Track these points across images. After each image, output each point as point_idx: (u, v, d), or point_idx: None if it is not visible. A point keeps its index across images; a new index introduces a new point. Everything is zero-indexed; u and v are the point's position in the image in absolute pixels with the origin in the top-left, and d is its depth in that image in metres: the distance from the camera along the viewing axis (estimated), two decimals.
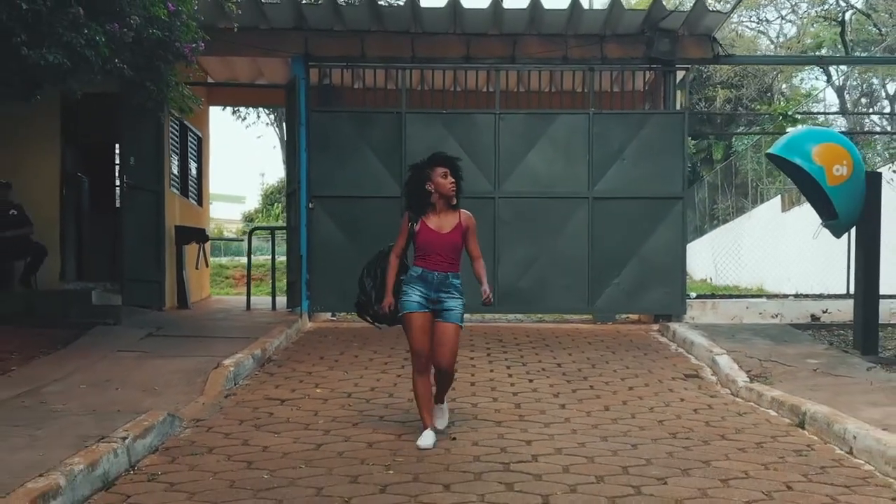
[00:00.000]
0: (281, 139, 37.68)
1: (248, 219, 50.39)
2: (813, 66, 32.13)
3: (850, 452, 6.03)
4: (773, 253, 20.48)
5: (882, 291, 12.64)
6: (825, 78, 35.60)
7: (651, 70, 12.63)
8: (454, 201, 6.32)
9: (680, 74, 12.92)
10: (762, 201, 27.99)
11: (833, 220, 9.34)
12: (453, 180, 6.27)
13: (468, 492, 4.99)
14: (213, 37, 10.27)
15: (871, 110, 31.55)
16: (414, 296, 6.23)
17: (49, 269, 12.11)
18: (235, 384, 8.36)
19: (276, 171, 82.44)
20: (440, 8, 11.71)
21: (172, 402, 7.24)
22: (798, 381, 8.37)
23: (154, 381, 8.03)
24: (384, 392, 8.02)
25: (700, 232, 35.38)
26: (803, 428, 6.84)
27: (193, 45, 8.65)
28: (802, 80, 39.01)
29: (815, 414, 6.77)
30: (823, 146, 9.07)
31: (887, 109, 34.01)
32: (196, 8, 8.69)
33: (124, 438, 5.68)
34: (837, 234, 9.68)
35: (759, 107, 34.40)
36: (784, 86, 37.99)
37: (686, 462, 5.73)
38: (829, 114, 22.32)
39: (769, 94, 34.66)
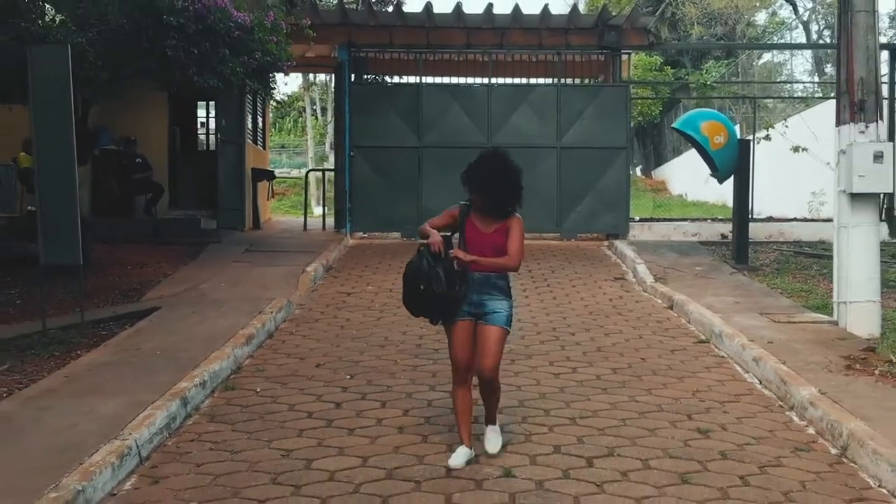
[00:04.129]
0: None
1: None
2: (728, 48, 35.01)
3: (689, 321, 10.02)
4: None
5: (776, 214, 16.64)
6: (793, 12, 38.91)
7: (602, 54, 16.39)
8: (493, 214, 5.52)
9: (624, 57, 16.70)
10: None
11: (716, 173, 13.21)
12: (479, 203, 5.48)
13: None
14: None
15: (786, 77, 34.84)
16: None
17: (161, 201, 16.03)
18: (315, 283, 12.32)
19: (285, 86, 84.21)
20: (448, 13, 15.49)
21: (282, 294, 11.13)
22: (683, 281, 12.30)
23: (264, 281, 11.98)
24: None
25: (677, 152, 38.88)
26: (672, 310, 10.80)
27: (289, 63, 12.46)
28: (774, 12, 42.23)
29: (677, 300, 10.74)
30: (708, 122, 12.92)
31: None
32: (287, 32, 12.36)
33: (271, 312, 9.68)
34: (720, 182, 13.53)
35: (729, 42, 37.93)
36: (759, 16, 41.31)
37: (589, 325, 9.73)
38: (742, 82, 25.91)
39: (734, 30, 38.04)
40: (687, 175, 29.99)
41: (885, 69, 16.72)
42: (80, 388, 6.69)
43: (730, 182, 13.29)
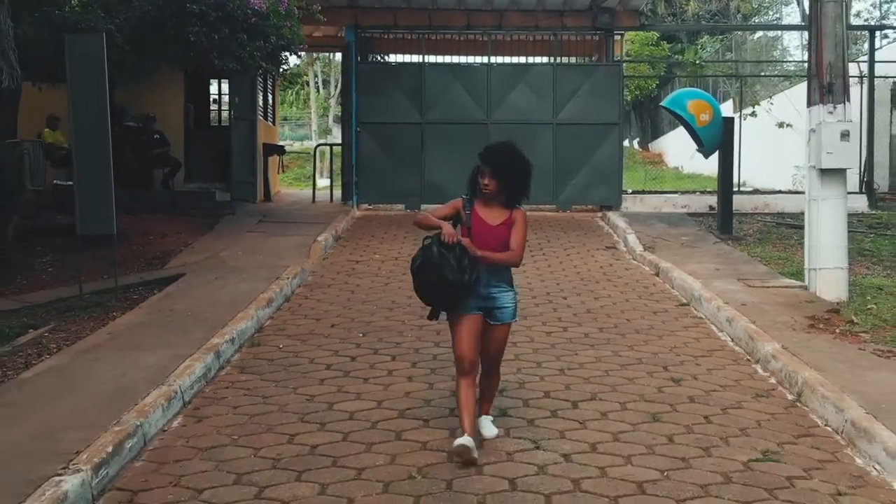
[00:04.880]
0: None
1: None
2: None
3: (672, 287, 10.75)
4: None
5: (766, 187, 17.31)
6: None
7: (596, 35, 17.04)
8: (501, 200, 5.56)
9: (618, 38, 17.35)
10: (724, 101, 32.19)
11: (702, 148, 13.89)
12: (486, 182, 5.43)
13: None
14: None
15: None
16: None
17: (177, 174, 16.72)
18: (326, 252, 13.02)
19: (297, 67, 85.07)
20: None
21: (295, 262, 11.81)
22: (670, 250, 13.00)
23: (278, 250, 12.68)
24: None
25: (674, 126, 39.37)
26: (658, 276, 11.51)
27: (301, 46, 13.15)
28: None
29: (663, 268, 11.45)
30: (695, 101, 13.59)
31: None
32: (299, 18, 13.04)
33: (287, 278, 10.40)
34: (706, 157, 14.24)
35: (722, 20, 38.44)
36: None
37: (581, 290, 10.45)
38: (729, 61, 26.57)
39: (728, 6, 38.47)
40: (683, 148, 30.53)
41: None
42: (123, 344, 7.43)
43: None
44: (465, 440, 5.06)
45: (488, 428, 5.56)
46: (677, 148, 33.09)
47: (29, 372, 6.70)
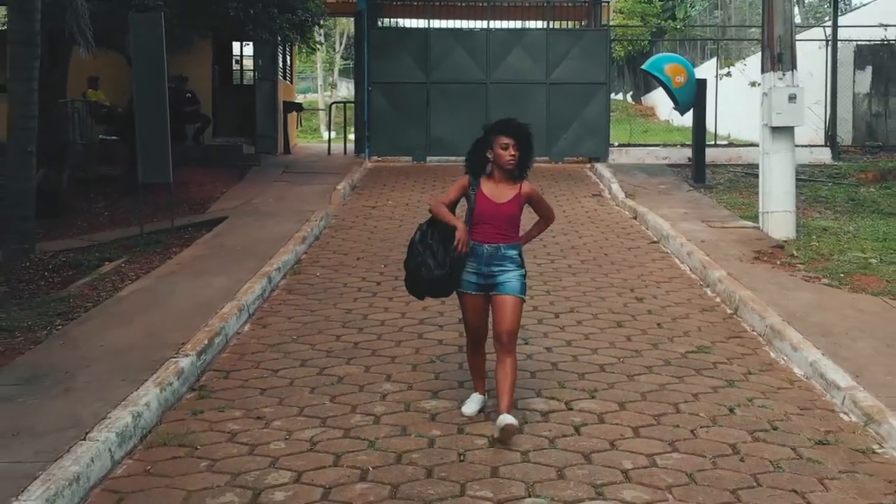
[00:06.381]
0: None
1: None
2: None
3: (647, 228, 12.22)
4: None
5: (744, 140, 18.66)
6: None
7: (585, 2, 18.38)
8: (516, 174, 5.42)
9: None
10: (710, 58, 33.29)
11: (678, 106, 15.30)
12: (514, 153, 5.30)
13: None
14: None
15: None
16: (467, 273, 5.39)
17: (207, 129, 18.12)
18: (345, 199, 14.46)
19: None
20: None
21: (320, 207, 13.23)
22: (648, 197, 14.43)
23: (303, 197, 14.13)
24: (428, 202, 14.12)
25: None
26: (635, 219, 12.96)
27: (323, 17, 14.54)
28: None
29: (640, 212, 12.90)
30: (672, 65, 14.96)
31: None
32: None
33: (315, 220, 11.88)
34: (682, 114, 15.68)
35: None
36: None
37: (568, 231, 11.92)
38: (706, 26, 27.91)
39: None
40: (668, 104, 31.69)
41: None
42: (192, 271, 8.95)
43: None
44: (469, 408, 5.48)
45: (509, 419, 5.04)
46: (668, 102, 34.19)
47: (123, 291, 8.22)
